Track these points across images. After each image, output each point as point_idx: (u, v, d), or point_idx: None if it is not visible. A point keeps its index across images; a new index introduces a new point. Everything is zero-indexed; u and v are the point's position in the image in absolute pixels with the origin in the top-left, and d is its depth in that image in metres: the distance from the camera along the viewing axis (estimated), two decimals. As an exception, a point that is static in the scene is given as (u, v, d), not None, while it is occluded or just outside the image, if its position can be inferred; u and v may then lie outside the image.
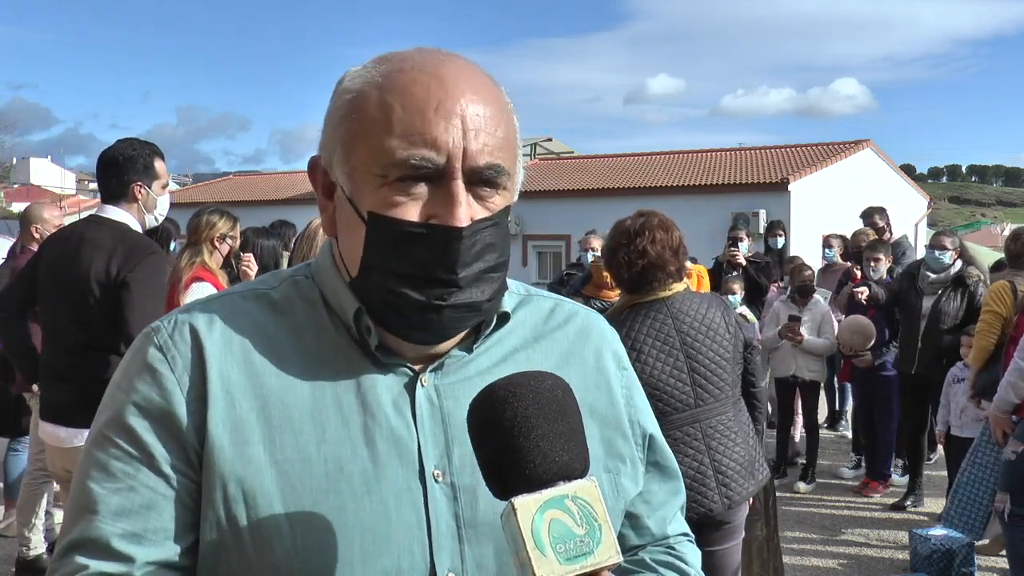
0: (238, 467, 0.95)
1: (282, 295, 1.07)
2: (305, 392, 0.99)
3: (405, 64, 0.99)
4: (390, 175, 0.95)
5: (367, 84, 0.99)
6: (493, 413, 0.86)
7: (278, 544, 0.95)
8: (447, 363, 1.05)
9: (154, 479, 0.96)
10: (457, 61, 1.00)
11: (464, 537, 1.00)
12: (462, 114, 0.95)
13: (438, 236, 0.95)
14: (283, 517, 0.95)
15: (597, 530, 0.83)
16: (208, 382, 0.98)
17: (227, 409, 0.97)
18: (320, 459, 0.97)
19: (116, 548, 0.94)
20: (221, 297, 1.08)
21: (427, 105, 0.95)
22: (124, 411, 0.98)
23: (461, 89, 0.96)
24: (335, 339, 1.03)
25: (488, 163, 0.96)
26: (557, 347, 1.13)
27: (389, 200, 0.96)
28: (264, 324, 1.03)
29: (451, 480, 1.00)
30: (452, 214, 0.94)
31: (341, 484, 0.97)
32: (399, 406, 1.01)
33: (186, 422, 0.97)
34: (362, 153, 0.97)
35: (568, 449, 0.86)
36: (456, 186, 0.95)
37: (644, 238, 3.21)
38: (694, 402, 3.16)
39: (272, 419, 0.98)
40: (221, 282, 4.28)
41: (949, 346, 5.94)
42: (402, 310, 0.98)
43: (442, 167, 0.94)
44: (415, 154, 0.94)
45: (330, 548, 0.95)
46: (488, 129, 0.97)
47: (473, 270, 0.97)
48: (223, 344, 1.00)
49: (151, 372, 0.99)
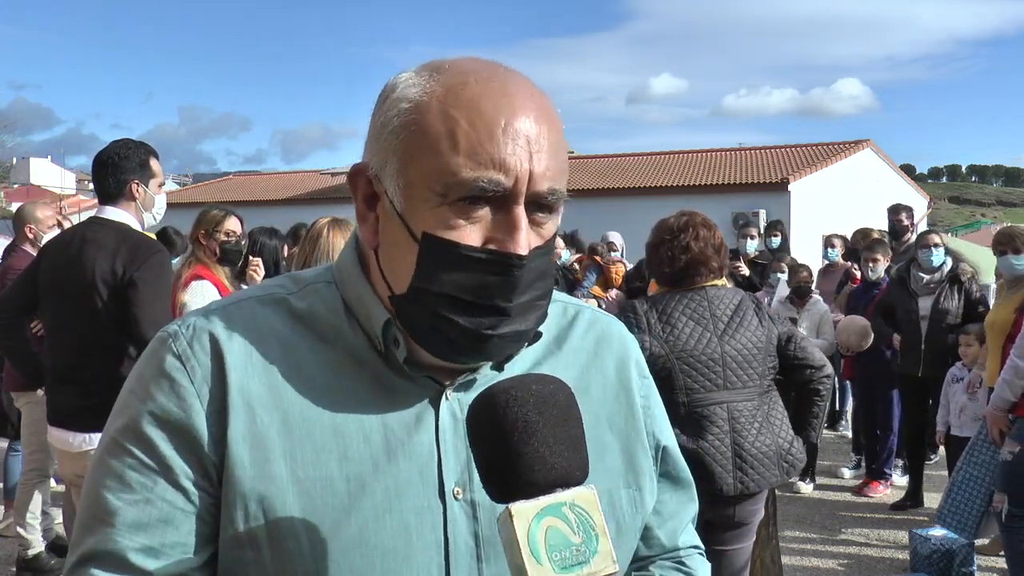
0: (259, 484, 0.93)
1: (303, 302, 1.03)
2: (326, 406, 0.96)
3: (469, 77, 0.94)
4: (451, 195, 0.91)
5: (427, 94, 0.94)
6: (493, 416, 0.84)
7: (299, 563, 0.93)
8: (477, 380, 1.02)
9: (171, 492, 0.93)
10: (522, 79, 0.97)
11: (482, 556, 0.97)
12: (528, 135, 0.91)
13: (499, 263, 0.91)
14: (304, 536, 0.93)
15: (594, 539, 0.82)
16: (229, 393, 0.94)
17: (248, 423, 0.94)
18: (342, 477, 0.94)
19: (133, 562, 0.92)
20: (240, 302, 1.03)
21: (495, 123, 0.91)
22: (140, 419, 0.95)
23: (528, 108, 0.93)
24: (358, 350, 1.00)
25: (551, 188, 0.93)
26: (578, 358, 1.10)
27: (448, 221, 0.91)
28: (284, 333, 1.00)
29: (471, 497, 0.98)
30: (514, 240, 0.91)
31: (363, 503, 0.94)
32: (423, 420, 0.98)
33: (205, 435, 0.94)
34: (420, 168, 0.92)
35: (568, 456, 0.85)
36: (519, 212, 0.92)
37: (688, 234, 3.32)
38: (723, 383, 3.22)
39: (293, 434, 0.95)
40: (220, 277, 4.27)
41: (954, 346, 5.92)
42: (450, 337, 0.95)
43: (508, 190, 0.91)
44: (483, 175, 0.90)
45: (351, 569, 0.93)
46: (550, 152, 0.93)
47: (526, 299, 0.94)
48: (243, 355, 0.97)
49: (169, 381, 0.95)
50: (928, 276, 6.13)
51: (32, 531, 4.88)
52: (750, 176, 21.14)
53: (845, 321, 6.64)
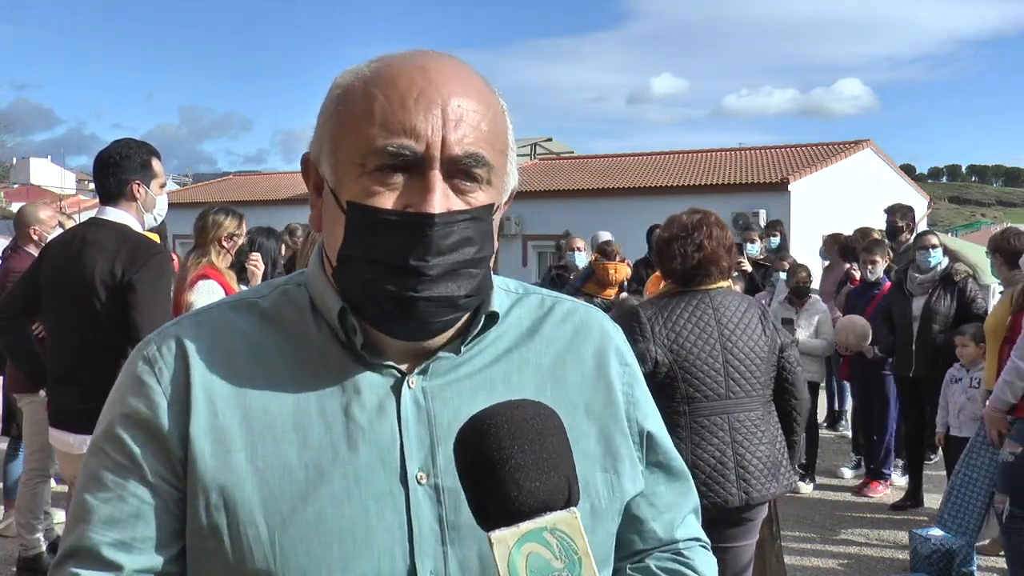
0: (219, 475, 0.96)
1: (271, 303, 1.07)
2: (289, 399, 1.00)
3: (394, 60, 1.00)
4: (369, 164, 0.95)
5: (355, 78, 1.00)
6: (467, 450, 0.86)
7: (257, 550, 0.95)
8: (434, 365, 1.04)
9: (141, 489, 0.98)
10: (447, 59, 1.01)
11: (448, 539, 0.99)
12: (443, 104, 0.95)
13: (411, 223, 0.94)
14: (262, 524, 0.96)
15: (577, 564, 0.82)
16: (192, 391, 0.99)
17: (209, 418, 0.98)
18: (301, 465, 0.97)
19: (105, 556, 0.96)
20: (211, 308, 1.09)
21: (408, 95, 0.95)
22: (115, 423, 1.01)
23: (444, 81, 0.97)
24: (322, 344, 1.03)
25: (467, 152, 0.96)
26: (553, 346, 1.11)
27: (368, 189, 0.96)
28: (251, 333, 1.04)
29: (435, 482, 0.99)
30: (426, 201, 0.94)
31: (321, 490, 0.97)
32: (384, 408, 1.01)
33: (171, 432, 0.98)
34: (346, 145, 0.98)
35: (546, 480, 0.84)
36: (432, 175, 0.95)
37: (701, 233, 3.31)
38: (725, 393, 3.21)
39: (254, 427, 0.98)
40: (228, 280, 4.27)
41: (944, 346, 5.92)
42: (379, 300, 0.98)
43: (420, 155, 0.94)
44: (393, 142, 0.94)
45: (309, 554, 0.95)
46: (470, 121, 0.96)
47: (447, 260, 0.96)
48: (208, 354, 1.01)
49: (139, 384, 1.01)
50: (923, 276, 6.14)
51: (33, 531, 4.88)
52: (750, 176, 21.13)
53: (844, 320, 6.64)
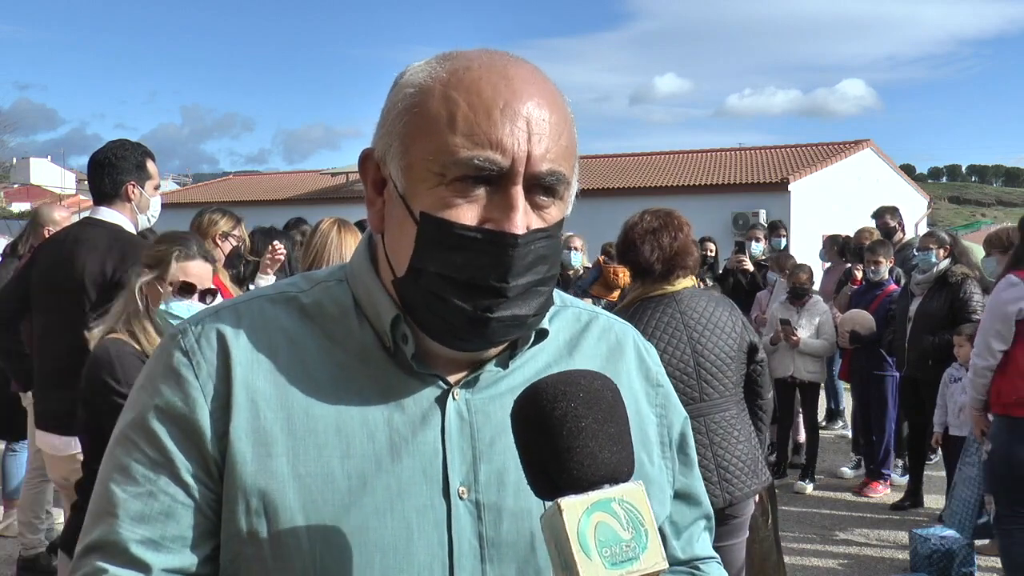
0: (260, 480, 0.93)
1: (313, 300, 1.03)
2: (331, 404, 0.97)
3: (473, 62, 0.96)
4: (448, 174, 0.92)
5: (431, 79, 0.96)
6: (541, 411, 0.84)
7: (297, 559, 0.93)
8: (482, 378, 1.01)
9: (173, 487, 0.94)
10: (526, 65, 0.98)
11: (486, 557, 0.97)
12: (528, 117, 0.92)
13: (493, 242, 0.91)
14: (303, 532, 0.93)
15: (643, 535, 0.81)
16: (233, 390, 0.96)
17: (251, 419, 0.95)
18: (343, 474, 0.95)
19: (134, 554, 0.93)
20: (250, 300, 1.04)
21: (494, 105, 0.92)
22: (147, 414, 0.97)
23: (529, 92, 0.94)
24: (366, 348, 1.00)
25: (550, 169, 0.93)
26: (590, 364, 1.08)
27: (445, 201, 0.92)
28: (292, 331, 1.00)
29: (476, 498, 0.97)
30: (510, 220, 0.91)
31: (364, 500, 0.94)
32: (428, 420, 0.98)
33: (208, 431, 0.95)
34: (421, 149, 0.94)
35: (616, 451, 0.84)
36: (516, 191, 0.92)
37: (672, 226, 3.31)
38: (699, 396, 3.21)
39: (296, 431, 0.95)
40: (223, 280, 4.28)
41: (931, 346, 5.91)
42: (448, 316, 0.95)
43: (505, 170, 0.91)
44: (479, 155, 0.91)
45: (349, 566, 0.93)
46: (552, 136, 0.94)
47: (523, 281, 0.93)
48: (250, 352, 0.98)
49: (176, 377, 0.97)
50: (922, 276, 6.15)
51: (35, 531, 4.88)
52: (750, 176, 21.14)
53: (849, 313, 6.64)
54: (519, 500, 0.97)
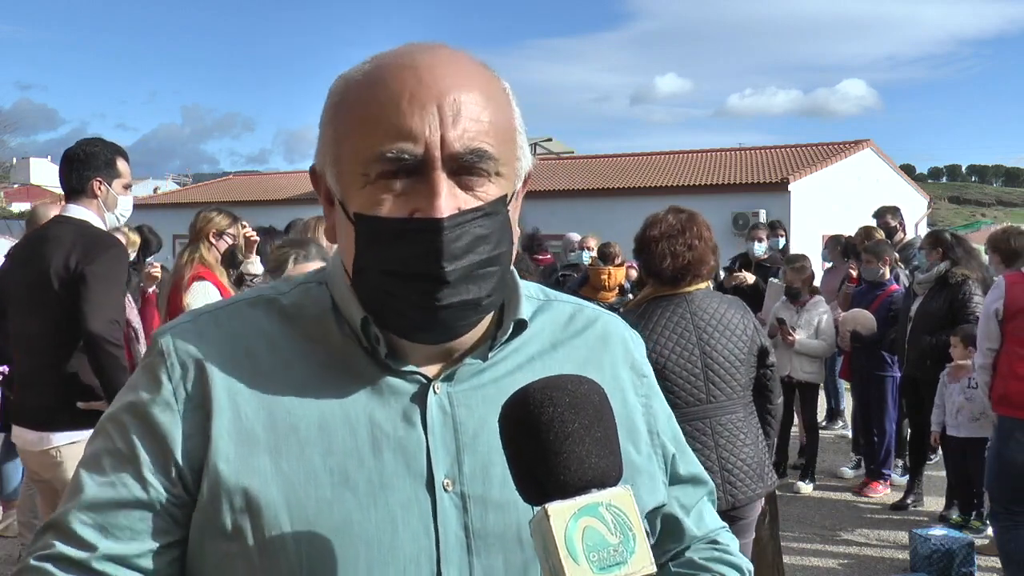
0: (244, 478, 0.95)
1: (292, 301, 1.05)
2: (313, 402, 0.98)
3: (385, 59, 0.97)
4: (371, 172, 0.94)
5: (348, 84, 0.98)
6: (528, 416, 0.84)
7: (283, 555, 0.94)
8: (460, 371, 1.02)
9: (132, 481, 0.97)
10: (439, 50, 0.98)
11: (473, 548, 0.98)
12: (438, 101, 0.92)
13: (420, 230, 0.92)
14: (288, 528, 0.94)
15: (631, 540, 0.81)
16: (212, 392, 0.97)
17: (233, 420, 0.96)
18: (326, 470, 0.96)
19: (81, 535, 0.95)
20: (229, 305, 1.07)
21: (400, 96, 0.92)
22: (123, 408, 1.00)
23: (437, 76, 0.94)
24: (345, 347, 1.01)
25: (468, 148, 0.93)
26: (575, 354, 1.10)
27: (373, 198, 0.94)
28: (272, 332, 1.02)
29: (461, 490, 0.98)
30: (432, 205, 0.92)
31: (346, 495, 0.95)
32: (409, 415, 0.99)
33: (176, 433, 0.97)
34: (345, 154, 0.96)
35: (604, 455, 0.84)
36: (436, 176, 0.92)
37: (692, 233, 3.26)
38: (706, 398, 3.19)
39: (278, 429, 0.97)
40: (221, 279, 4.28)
41: (928, 346, 5.92)
42: (400, 311, 0.96)
43: (420, 157, 0.92)
44: (391, 147, 0.92)
45: (335, 559, 0.94)
46: (469, 114, 0.93)
47: (463, 263, 0.94)
48: (229, 353, 1.00)
49: (152, 377, 1.00)
50: (923, 276, 6.16)
51: (33, 531, 4.88)
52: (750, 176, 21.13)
53: (851, 312, 6.63)
54: (505, 492, 0.97)
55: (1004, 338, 4.43)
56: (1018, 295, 4.36)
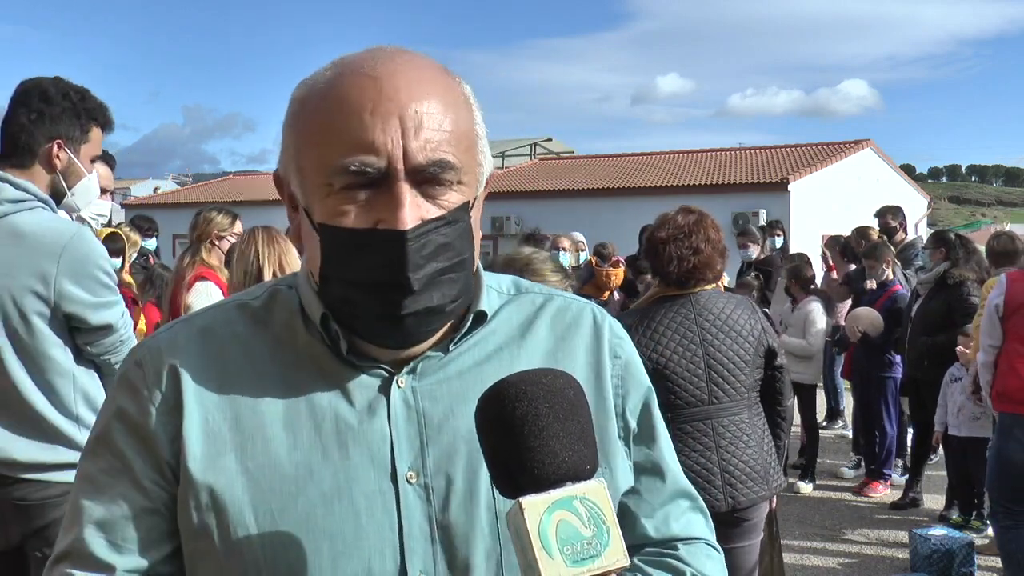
0: (210, 476, 0.97)
1: (262, 304, 1.07)
2: (279, 400, 1.00)
3: (346, 67, 0.97)
4: (335, 183, 0.94)
5: (310, 91, 0.98)
6: (503, 410, 0.85)
7: (247, 550, 0.96)
8: (423, 364, 1.03)
9: (132, 492, 0.98)
10: (398, 57, 0.97)
11: (437, 538, 0.99)
12: (400, 113, 0.93)
13: (383, 241, 0.93)
14: (252, 524, 0.96)
15: (605, 532, 0.82)
16: (183, 394, 0.99)
17: (201, 421, 0.99)
18: (291, 465, 0.97)
19: (98, 557, 0.97)
20: (204, 312, 1.09)
21: (362, 108, 0.93)
22: (107, 424, 1.02)
23: (397, 86, 0.94)
24: (311, 347, 1.03)
25: (431, 159, 0.93)
26: (544, 343, 1.10)
27: (337, 209, 0.95)
28: (242, 335, 1.04)
29: (424, 481, 0.99)
30: (396, 217, 0.92)
31: (310, 489, 0.97)
32: (374, 409, 1.01)
33: (158, 434, 0.99)
34: (309, 163, 0.97)
35: (578, 449, 0.85)
36: (399, 188, 0.93)
37: (699, 236, 3.22)
38: (708, 399, 3.16)
39: (245, 428, 0.99)
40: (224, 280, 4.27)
41: (924, 347, 5.92)
42: (364, 319, 0.98)
43: (383, 170, 0.93)
44: (354, 160, 0.92)
45: (298, 553, 0.96)
46: (431, 124, 0.94)
47: (426, 272, 0.95)
48: (199, 357, 1.02)
49: (129, 386, 1.02)
50: (926, 277, 6.17)
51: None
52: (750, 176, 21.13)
53: (859, 311, 6.63)
54: (468, 483, 0.99)
55: (1004, 335, 4.44)
56: (1018, 291, 4.37)
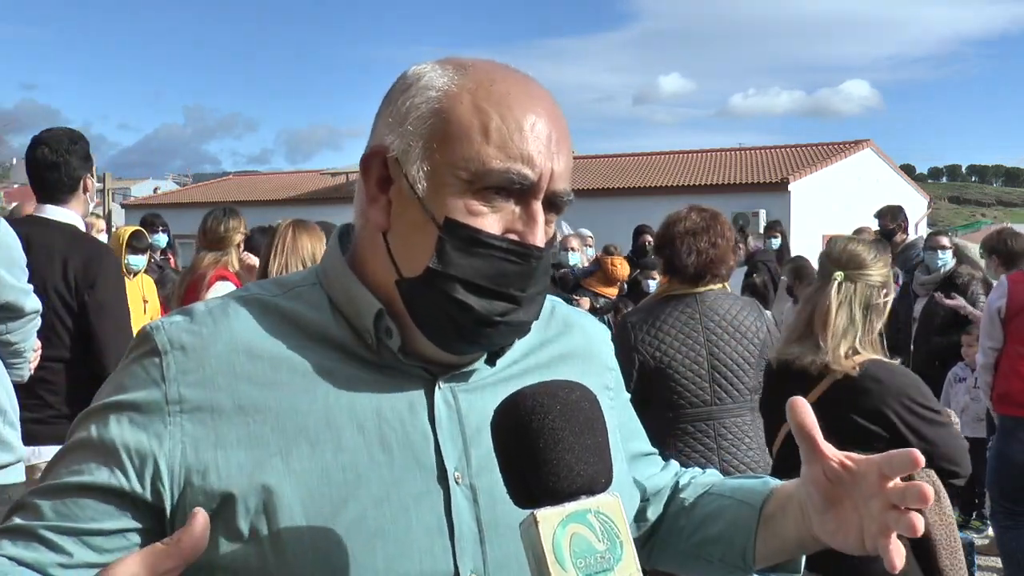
0: (257, 480, 0.94)
1: (288, 304, 1.04)
2: (318, 401, 0.98)
3: (496, 76, 0.99)
4: (477, 182, 0.95)
5: (456, 87, 0.98)
6: (519, 422, 0.85)
7: (300, 554, 0.94)
8: (464, 371, 1.04)
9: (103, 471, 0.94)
10: (539, 84, 1.03)
11: (485, 538, 0.99)
12: (550, 136, 0.97)
13: (519, 253, 0.96)
14: (303, 527, 0.94)
15: (618, 546, 0.82)
16: (215, 396, 0.96)
17: (241, 425, 0.96)
18: (337, 467, 0.96)
19: (39, 509, 0.94)
20: (223, 304, 1.03)
21: (524, 121, 0.96)
22: (109, 406, 0.97)
23: (548, 111, 0.99)
24: (346, 346, 1.01)
25: (565, 189, 1.00)
26: (549, 350, 1.13)
27: (471, 208, 0.96)
28: (271, 333, 1.01)
29: (470, 482, 1.00)
30: (533, 233, 0.96)
31: (360, 491, 0.96)
32: (416, 410, 1.00)
33: (161, 435, 0.94)
34: (449, 155, 0.96)
35: (593, 463, 0.85)
36: (538, 206, 0.97)
37: (715, 232, 3.24)
38: (711, 399, 3.16)
39: (287, 430, 0.96)
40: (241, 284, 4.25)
41: (937, 347, 5.91)
42: (459, 321, 0.97)
43: (532, 184, 0.96)
44: (513, 168, 0.95)
45: (351, 556, 0.95)
46: (565, 154, 0.99)
47: (536, 290, 0.99)
48: (231, 356, 0.98)
49: (144, 375, 0.97)
50: (927, 277, 6.14)
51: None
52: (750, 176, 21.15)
53: None
54: None
55: (1006, 337, 4.44)
56: (1021, 294, 4.36)
